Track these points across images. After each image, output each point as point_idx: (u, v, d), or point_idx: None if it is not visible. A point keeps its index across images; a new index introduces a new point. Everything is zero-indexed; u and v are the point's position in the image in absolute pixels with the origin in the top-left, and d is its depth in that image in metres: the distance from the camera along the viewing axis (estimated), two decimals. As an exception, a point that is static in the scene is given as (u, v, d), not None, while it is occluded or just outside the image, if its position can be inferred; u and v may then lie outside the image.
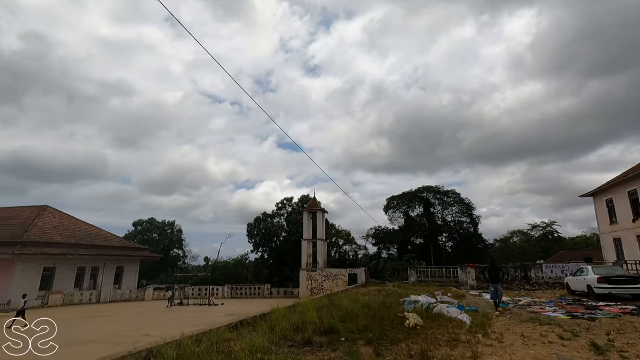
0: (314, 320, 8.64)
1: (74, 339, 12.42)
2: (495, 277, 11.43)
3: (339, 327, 7.99)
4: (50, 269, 27.84)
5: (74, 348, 11.28)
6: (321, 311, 10.32)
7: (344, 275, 23.96)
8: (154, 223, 58.69)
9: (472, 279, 20.86)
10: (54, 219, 32.11)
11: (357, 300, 13.33)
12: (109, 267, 32.66)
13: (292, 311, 10.29)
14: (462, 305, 11.81)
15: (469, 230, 61.39)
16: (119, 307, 24.19)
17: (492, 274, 11.58)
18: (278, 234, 50.48)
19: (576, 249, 58.93)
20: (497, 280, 11.40)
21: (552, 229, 66.36)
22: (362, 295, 16.86)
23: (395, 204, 65.26)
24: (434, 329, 8.40)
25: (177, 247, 59.47)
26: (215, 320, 16.67)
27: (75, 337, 12.71)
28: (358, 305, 11.47)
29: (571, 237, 66.08)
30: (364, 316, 9.51)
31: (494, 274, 11.57)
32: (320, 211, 25.86)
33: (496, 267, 11.89)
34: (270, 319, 9.01)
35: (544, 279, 19.86)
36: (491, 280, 11.54)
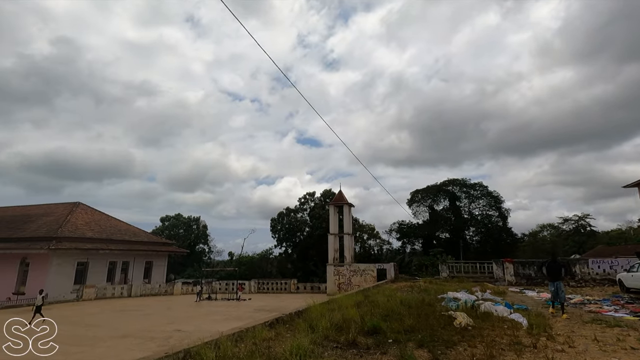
0: (355, 319, 8.10)
1: (110, 333, 12.59)
2: (556, 274, 10.34)
3: (383, 326, 7.42)
4: (83, 263, 28.63)
5: (113, 342, 11.28)
6: (359, 308, 9.77)
7: (373, 270, 23.31)
8: (180, 219, 59.80)
9: (509, 274, 19.76)
10: (86, 215, 33.02)
11: (392, 297, 12.70)
12: (139, 261, 33.34)
13: (329, 308, 9.79)
14: (509, 303, 10.95)
15: (497, 224, 59.20)
16: (148, 301, 24.56)
17: (552, 271, 10.48)
18: (301, 229, 50.28)
19: (613, 243, 55.72)
20: (558, 277, 10.32)
21: (585, 222, 63.04)
22: (395, 290, 16.21)
23: (419, 198, 63.79)
24: (487, 329, 7.68)
25: (203, 242, 60.41)
26: (243, 314, 16.49)
27: (112, 331, 12.89)
28: (395, 302, 10.85)
29: (605, 231, 62.56)
30: (407, 314, 8.89)
31: (554, 270, 10.47)
32: (346, 204, 25.25)
33: (557, 262, 10.76)
34: (308, 317, 8.54)
35: (590, 274, 18.53)
36: (551, 278, 10.45)
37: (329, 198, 52.95)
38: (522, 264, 20.14)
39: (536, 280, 19.12)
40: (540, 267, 19.76)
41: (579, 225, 62.70)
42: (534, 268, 19.56)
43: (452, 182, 62.26)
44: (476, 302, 10.94)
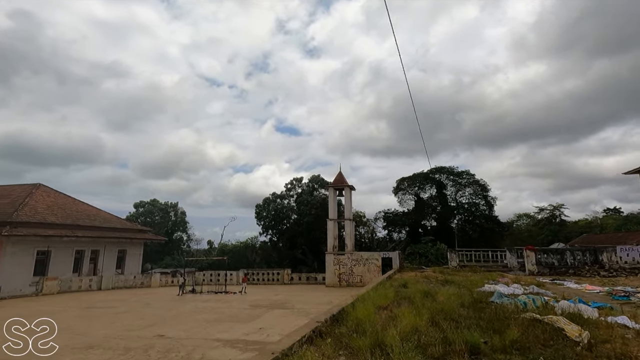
0: (424, 329, 5.76)
1: (70, 342, 9.55)
2: None
3: (478, 343, 5.11)
4: (45, 252, 25.03)
5: (70, 358, 8.44)
6: (412, 310, 7.43)
7: (377, 260, 21.21)
8: (156, 205, 55.80)
9: (531, 263, 18.09)
10: (48, 198, 29.10)
11: (428, 293, 10.48)
12: (110, 250, 29.90)
13: (372, 310, 7.38)
14: (582, 299, 8.93)
15: (483, 212, 59.06)
16: (122, 294, 21.49)
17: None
18: (288, 216, 47.73)
19: (587, 232, 56.87)
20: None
21: (559, 211, 64.34)
22: (415, 283, 14.05)
23: (405, 186, 62.78)
24: (607, 342, 5.53)
25: (181, 230, 56.79)
26: (239, 312, 13.91)
27: (72, 339, 9.85)
28: (443, 300, 8.61)
29: (574, 221, 64.08)
30: (482, 320, 6.64)
31: None
32: (347, 187, 22.91)
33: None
34: (355, 324, 6.11)
35: (618, 263, 17.11)
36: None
37: (317, 183, 50.52)
38: (544, 251, 18.55)
39: (560, 269, 17.57)
40: (562, 255, 18.22)
41: (551, 215, 63.88)
42: (557, 256, 18.01)
43: (439, 170, 61.50)
44: (547, 299, 8.83)
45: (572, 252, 17.92)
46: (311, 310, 13.55)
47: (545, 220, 64.02)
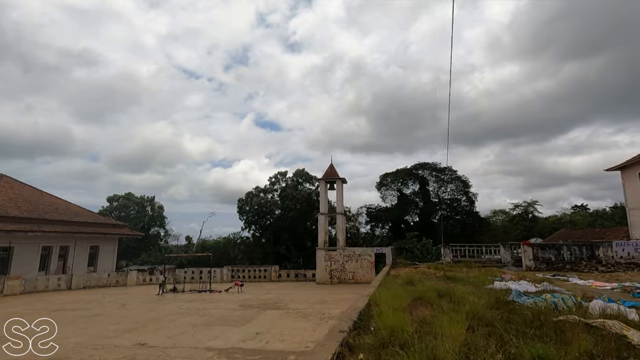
0: (474, 340, 4.84)
1: (33, 352, 8.10)
2: None
3: (550, 357, 4.22)
4: (6, 248, 22.79)
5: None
6: (435, 312, 6.50)
7: (370, 255, 20.38)
8: (132, 198, 53.04)
9: (528, 258, 17.74)
10: (10, 190, 26.60)
11: (442, 292, 9.65)
12: (82, 246, 27.74)
13: (401, 316, 6.40)
14: (611, 298, 8.30)
15: (465, 208, 59.90)
16: (95, 294, 19.73)
17: None
18: (272, 211, 46.35)
19: (558, 228, 58.75)
20: None
21: (533, 208, 66.45)
22: (419, 281, 13.26)
23: (388, 181, 62.93)
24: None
25: (158, 225, 54.29)
26: (229, 314, 12.68)
27: (37, 349, 8.37)
28: (470, 302, 7.77)
29: (544, 217, 66.43)
30: (521, 324, 5.80)
31: None
32: (339, 180, 21.92)
33: None
34: (393, 336, 5.11)
35: (614, 258, 17.01)
36: None
37: (302, 178, 49.35)
38: (541, 247, 18.26)
39: (557, 264, 17.31)
40: (559, 250, 17.98)
41: (524, 212, 65.89)
42: (554, 252, 17.73)
43: (422, 165, 61.92)
44: (577, 299, 8.14)
45: (569, 248, 17.71)
46: (307, 310, 12.51)
47: (519, 216, 65.98)
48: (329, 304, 13.88)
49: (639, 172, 28.82)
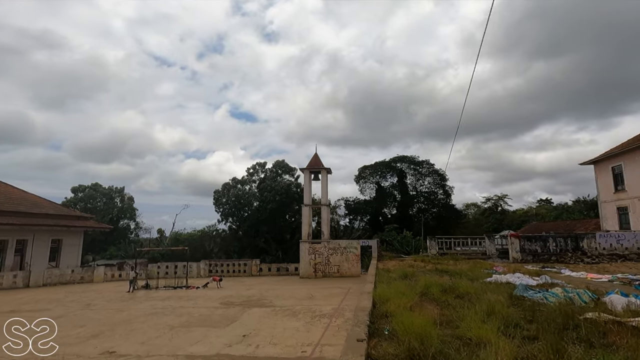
0: (523, 352, 4.11)
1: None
2: None
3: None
4: (-48, 243, 20.41)
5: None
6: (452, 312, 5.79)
7: (356, 248, 19.72)
8: (99, 189, 49.90)
9: (515, 250, 17.66)
10: (-42, 178, 23.86)
11: (445, 287, 9.02)
12: (41, 239, 25.45)
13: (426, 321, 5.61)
14: (623, 292, 7.92)
15: (441, 200, 60.97)
16: (57, 292, 17.97)
17: None
18: (250, 203, 44.94)
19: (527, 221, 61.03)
20: None
21: (503, 201, 68.79)
22: (413, 274, 12.68)
23: (367, 174, 63.08)
24: None
25: (128, 217, 51.50)
26: (209, 313, 11.56)
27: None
28: (486, 299, 7.14)
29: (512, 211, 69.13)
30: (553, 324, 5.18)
31: None
32: (324, 170, 21.04)
33: None
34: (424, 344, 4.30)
35: (597, 249, 17.21)
36: None
37: (281, 169, 48.11)
38: (528, 238, 18.23)
39: (543, 256, 17.33)
40: (546, 242, 18.01)
41: (494, 205, 68.20)
42: (540, 243, 17.75)
43: (401, 159, 62.41)
44: (592, 293, 7.68)
45: (554, 239, 17.78)
46: (295, 307, 11.63)
47: (489, 209, 68.18)
48: (317, 299, 13.06)
49: (611, 167, 29.83)
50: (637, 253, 16.62)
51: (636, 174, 26.54)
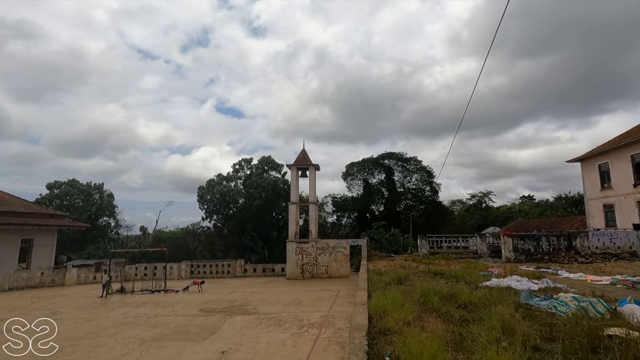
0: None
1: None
2: None
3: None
4: None
5: None
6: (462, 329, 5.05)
7: (345, 248, 18.97)
8: (76, 185, 47.71)
9: (508, 250, 17.23)
10: None
11: (445, 295, 8.31)
12: (10, 240, 23.83)
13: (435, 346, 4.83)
14: (637, 299, 7.34)
15: (428, 197, 61.04)
16: (23, 298, 16.63)
17: None
18: (235, 200, 43.72)
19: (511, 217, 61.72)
20: None
21: (488, 198, 69.51)
22: (406, 277, 11.99)
23: (354, 171, 62.64)
24: None
25: (108, 215, 49.51)
26: (187, 323, 10.62)
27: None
28: (494, 312, 6.43)
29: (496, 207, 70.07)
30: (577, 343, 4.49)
31: None
32: (312, 166, 20.17)
33: None
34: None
35: (590, 248, 16.94)
36: None
37: (267, 165, 47.00)
38: (521, 237, 17.83)
39: (536, 255, 16.95)
40: (539, 241, 17.63)
41: (478, 202, 68.91)
42: (533, 242, 17.37)
43: (388, 155, 62.19)
44: (608, 302, 7.07)
45: (547, 238, 17.45)
46: (281, 315, 10.77)
47: (474, 206, 68.85)
48: (305, 305, 12.24)
49: (598, 164, 29.94)
50: (629, 252, 16.43)
51: (622, 171, 26.62)
